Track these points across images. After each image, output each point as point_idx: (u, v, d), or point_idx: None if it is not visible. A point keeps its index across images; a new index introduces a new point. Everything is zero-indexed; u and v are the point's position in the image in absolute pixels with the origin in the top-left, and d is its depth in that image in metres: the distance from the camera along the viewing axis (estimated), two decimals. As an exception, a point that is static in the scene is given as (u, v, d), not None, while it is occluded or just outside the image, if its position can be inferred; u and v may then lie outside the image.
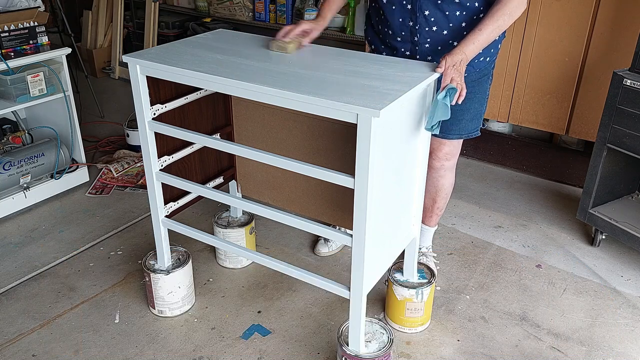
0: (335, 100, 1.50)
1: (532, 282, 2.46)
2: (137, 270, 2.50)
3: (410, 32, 1.99)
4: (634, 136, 2.40)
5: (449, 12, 1.93)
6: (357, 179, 1.57)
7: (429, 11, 1.93)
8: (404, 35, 2.01)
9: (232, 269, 2.52)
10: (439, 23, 1.95)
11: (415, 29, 1.98)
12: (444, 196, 2.34)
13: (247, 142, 2.26)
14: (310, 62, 1.81)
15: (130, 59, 1.83)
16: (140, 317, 2.24)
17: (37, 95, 2.91)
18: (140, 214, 2.93)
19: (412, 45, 2.02)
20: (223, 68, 1.75)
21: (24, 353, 2.06)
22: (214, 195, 1.97)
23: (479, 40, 1.84)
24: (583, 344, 2.14)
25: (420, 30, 1.97)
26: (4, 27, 2.83)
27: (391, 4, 1.97)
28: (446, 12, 1.93)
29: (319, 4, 2.13)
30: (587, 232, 2.81)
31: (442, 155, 2.21)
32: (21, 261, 2.56)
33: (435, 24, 1.95)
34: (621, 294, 2.41)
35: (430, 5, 1.92)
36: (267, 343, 2.12)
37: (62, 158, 3.07)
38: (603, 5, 2.87)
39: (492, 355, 2.08)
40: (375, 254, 1.76)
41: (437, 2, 1.91)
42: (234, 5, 4.52)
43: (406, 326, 2.16)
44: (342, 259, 2.60)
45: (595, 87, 3.01)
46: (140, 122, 1.93)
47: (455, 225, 2.88)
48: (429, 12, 1.93)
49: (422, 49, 2.01)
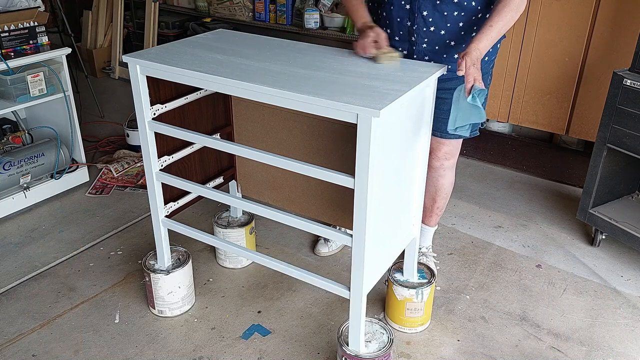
0: (335, 100, 1.50)
1: (532, 282, 2.46)
2: (137, 270, 2.50)
3: (408, 32, 2.00)
4: (634, 136, 2.40)
5: (447, 12, 1.94)
6: (357, 179, 1.57)
7: (427, 11, 1.94)
8: (402, 34, 2.02)
9: (232, 269, 2.52)
10: (437, 23, 1.96)
11: (413, 29, 1.99)
12: (444, 196, 2.34)
13: (247, 142, 2.26)
14: (310, 62, 1.81)
15: (130, 59, 1.83)
16: (140, 317, 2.24)
17: (37, 95, 2.91)
18: (140, 214, 2.93)
19: (409, 45, 2.03)
20: (223, 68, 1.75)
21: (24, 353, 2.06)
22: (214, 195, 1.97)
23: (491, 36, 1.85)
24: (583, 344, 2.14)
25: (418, 30, 1.98)
26: (4, 27, 2.83)
27: (390, 4, 1.98)
28: (444, 13, 1.94)
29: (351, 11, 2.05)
30: (587, 232, 2.81)
31: (442, 154, 2.21)
32: (21, 261, 2.56)
33: (433, 24, 1.96)
34: (621, 294, 2.41)
35: (428, 6, 1.93)
36: (267, 343, 2.12)
37: (62, 158, 3.07)
38: (603, 5, 2.87)
39: (492, 355, 2.08)
40: (375, 254, 1.76)
41: (436, 3, 1.92)
42: (234, 5, 4.52)
43: (406, 326, 2.16)
44: (342, 259, 2.60)
45: (595, 87, 3.01)
46: (140, 122, 1.93)
47: (455, 225, 2.88)
48: (427, 12, 1.94)
49: (419, 49, 2.02)
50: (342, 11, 4.03)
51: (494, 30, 1.85)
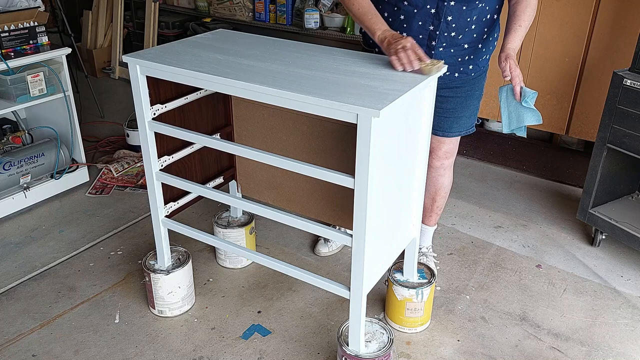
0: (335, 100, 1.50)
1: (532, 282, 2.46)
2: (137, 270, 2.50)
3: (428, 36, 1.96)
4: (634, 136, 2.40)
5: (469, 17, 1.93)
6: (357, 179, 1.57)
7: (452, 17, 1.92)
8: (421, 38, 1.97)
9: (232, 269, 2.52)
10: (458, 29, 1.95)
11: (435, 33, 1.95)
12: (444, 195, 2.34)
13: (247, 142, 2.26)
14: (310, 62, 1.81)
15: (130, 59, 1.83)
16: (140, 317, 2.24)
17: (37, 95, 2.91)
18: (140, 214, 2.93)
19: (427, 49, 1.99)
20: (223, 68, 1.74)
21: (24, 353, 2.06)
22: (214, 195, 1.97)
23: (521, 36, 1.91)
24: (583, 344, 2.14)
25: (439, 35, 1.96)
26: (4, 27, 2.83)
27: (413, 7, 1.92)
28: (467, 19, 1.93)
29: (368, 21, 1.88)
30: (587, 232, 2.81)
31: (442, 154, 2.22)
32: (21, 261, 2.56)
33: (455, 30, 1.95)
34: (621, 294, 2.41)
35: (455, 11, 1.91)
36: (267, 343, 2.12)
37: (62, 158, 3.07)
38: (603, 5, 2.88)
39: (492, 355, 2.08)
40: (375, 254, 1.76)
41: (462, 8, 1.90)
42: (234, 5, 4.52)
43: (406, 326, 2.16)
44: (342, 259, 2.60)
45: (595, 87, 3.01)
46: (140, 122, 1.93)
47: (455, 225, 2.88)
48: (452, 17, 1.92)
49: (437, 52, 2.00)
50: (342, 11, 4.03)
51: (523, 29, 1.91)
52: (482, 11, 1.95)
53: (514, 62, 1.82)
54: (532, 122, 1.86)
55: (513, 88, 1.85)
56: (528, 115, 1.85)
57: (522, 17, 1.91)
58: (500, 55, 1.88)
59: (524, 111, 1.84)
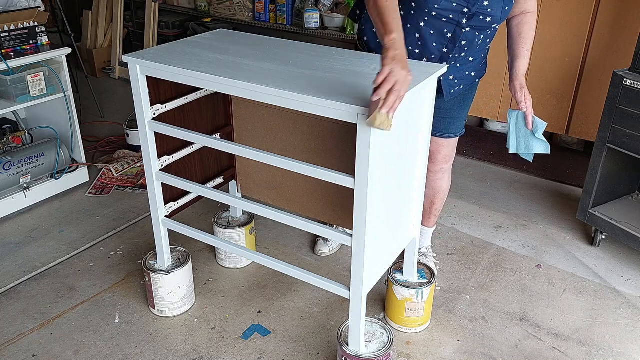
0: (335, 100, 1.50)
1: (532, 282, 2.46)
2: (137, 270, 2.50)
3: (441, 57, 1.97)
4: (634, 136, 2.40)
5: (481, 40, 1.96)
6: (357, 179, 1.57)
7: (466, 41, 1.93)
8: (433, 58, 1.97)
9: (232, 269, 2.52)
10: (470, 50, 1.97)
11: (448, 56, 1.96)
12: (442, 198, 2.35)
13: (247, 142, 2.26)
14: (310, 62, 1.81)
15: (130, 59, 1.83)
16: (140, 317, 2.24)
17: (37, 95, 2.91)
18: (140, 214, 2.93)
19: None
20: (223, 68, 1.74)
21: (24, 353, 2.06)
22: (214, 195, 1.97)
23: (528, 59, 2.00)
24: (583, 344, 2.14)
25: (452, 57, 1.97)
26: (4, 27, 2.83)
27: (429, 29, 1.91)
28: (478, 40, 1.95)
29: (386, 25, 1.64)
30: (587, 232, 2.81)
31: (442, 157, 2.23)
32: (21, 261, 2.56)
33: (465, 52, 1.97)
34: (621, 294, 2.41)
35: (469, 36, 1.92)
36: (267, 343, 2.12)
37: (62, 158, 3.07)
38: (603, 5, 2.87)
39: (492, 355, 2.08)
40: (375, 254, 1.76)
41: (476, 34, 1.92)
42: (234, 5, 4.52)
43: (406, 326, 2.16)
44: (342, 259, 2.60)
45: (595, 87, 3.01)
46: (140, 122, 1.93)
47: (455, 225, 2.88)
48: (466, 41, 1.93)
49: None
50: (342, 11, 4.03)
51: (529, 52, 2.00)
52: (492, 33, 1.98)
53: (527, 92, 1.91)
54: (540, 152, 1.93)
55: (525, 117, 1.92)
56: (538, 145, 1.95)
57: (527, 41, 1.98)
58: (515, 85, 1.95)
59: (534, 141, 1.93)
